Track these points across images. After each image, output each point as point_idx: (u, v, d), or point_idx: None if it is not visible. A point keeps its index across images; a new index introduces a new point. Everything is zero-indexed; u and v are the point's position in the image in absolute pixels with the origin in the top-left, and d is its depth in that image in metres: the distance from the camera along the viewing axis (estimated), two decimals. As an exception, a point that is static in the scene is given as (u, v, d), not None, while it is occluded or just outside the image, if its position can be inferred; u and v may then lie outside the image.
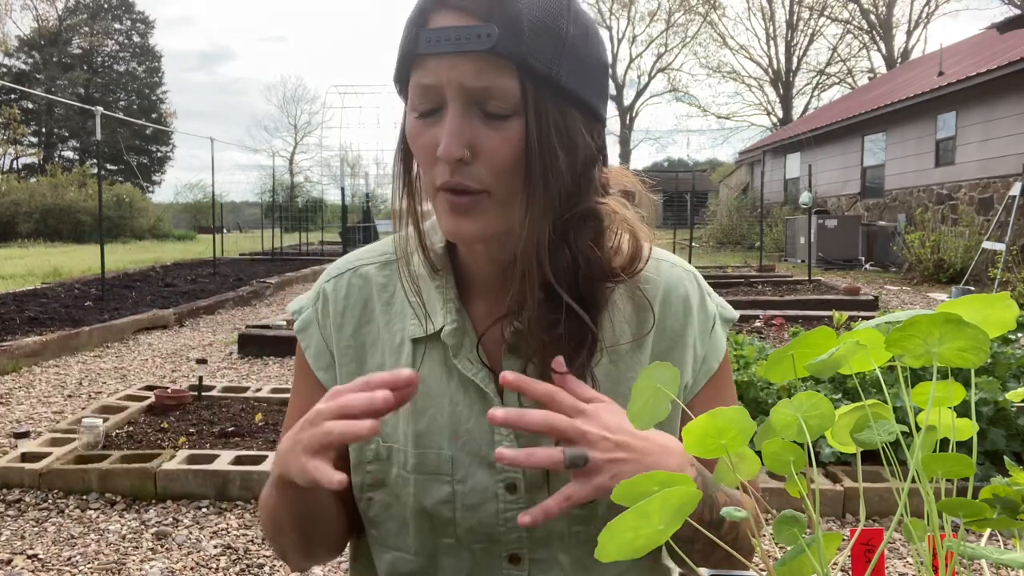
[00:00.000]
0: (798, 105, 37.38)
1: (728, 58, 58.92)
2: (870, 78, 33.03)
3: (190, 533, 3.27)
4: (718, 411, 0.57)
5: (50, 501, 3.55)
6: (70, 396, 5.63)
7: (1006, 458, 0.68)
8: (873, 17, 34.17)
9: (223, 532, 3.29)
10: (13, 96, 41.90)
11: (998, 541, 0.71)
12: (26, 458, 3.79)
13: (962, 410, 0.61)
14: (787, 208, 20.80)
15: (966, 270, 11.68)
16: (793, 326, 6.81)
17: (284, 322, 7.76)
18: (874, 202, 17.51)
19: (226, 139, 65.40)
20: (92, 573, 2.96)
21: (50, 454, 3.82)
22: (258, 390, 5.20)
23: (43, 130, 47.47)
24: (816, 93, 38.18)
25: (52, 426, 4.64)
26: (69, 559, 3.05)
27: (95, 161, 19.31)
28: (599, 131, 0.85)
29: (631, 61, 46.23)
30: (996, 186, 13.04)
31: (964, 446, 0.61)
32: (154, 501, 3.57)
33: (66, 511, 3.47)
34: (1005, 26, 11.66)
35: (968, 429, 0.62)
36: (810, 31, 36.31)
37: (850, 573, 0.69)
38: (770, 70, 37.15)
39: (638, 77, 43.25)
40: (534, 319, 0.82)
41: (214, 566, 3.02)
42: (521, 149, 0.78)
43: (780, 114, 36.82)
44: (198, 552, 3.12)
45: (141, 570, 2.98)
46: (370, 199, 21.69)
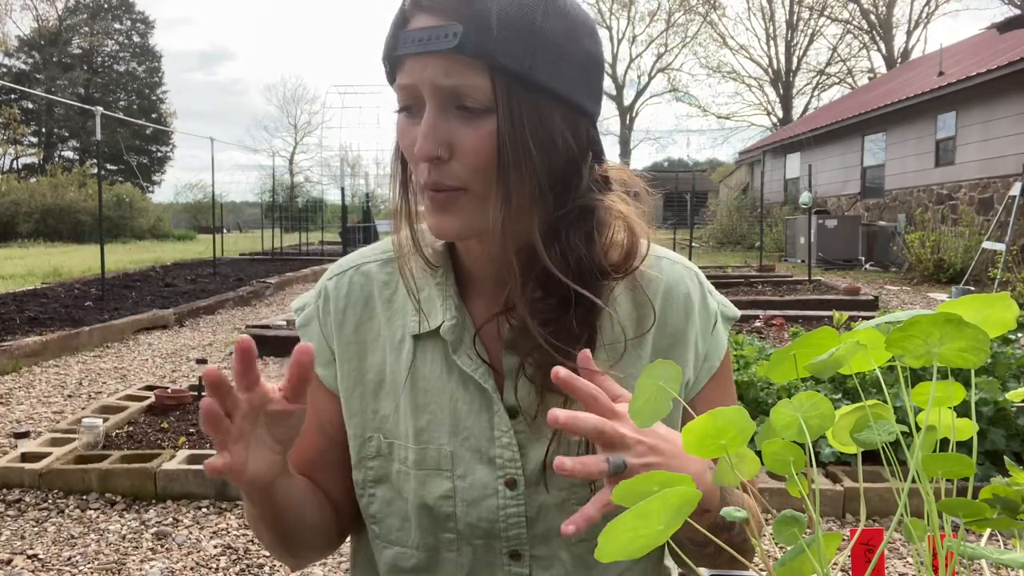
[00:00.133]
0: (798, 105, 37.41)
1: (728, 58, 58.94)
2: (870, 78, 33.02)
3: (190, 533, 3.27)
4: (718, 411, 0.57)
5: (50, 501, 3.55)
6: (70, 396, 5.63)
7: (1006, 458, 0.68)
8: (873, 17, 34.17)
9: (223, 532, 3.29)
10: (13, 96, 41.90)
11: (998, 541, 0.71)
12: (26, 458, 3.79)
13: (962, 410, 0.61)
14: (787, 208, 20.80)
15: (966, 270, 11.68)
16: (793, 326, 6.81)
17: (284, 322, 7.75)
18: (874, 202, 17.51)
19: (226, 139, 65.49)
20: (92, 573, 2.96)
21: (50, 454, 3.82)
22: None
23: (43, 130, 47.47)
24: (816, 93, 38.22)
25: (52, 426, 4.64)
26: (69, 559, 3.05)
27: (95, 161, 19.31)
28: (586, 126, 0.84)
29: (631, 61, 46.24)
30: (996, 186, 13.04)
31: (964, 446, 0.61)
32: (154, 501, 3.57)
33: (66, 511, 3.47)
34: (1005, 26, 11.66)
35: (968, 429, 0.62)
36: (810, 31, 36.33)
37: (850, 573, 0.69)
38: (770, 70, 37.15)
39: (638, 77, 43.26)
40: (524, 316, 0.83)
41: (214, 566, 3.02)
42: (497, 145, 0.78)
43: (780, 114, 36.82)
44: (198, 552, 3.12)
45: (141, 570, 2.98)
46: (370, 199, 21.69)
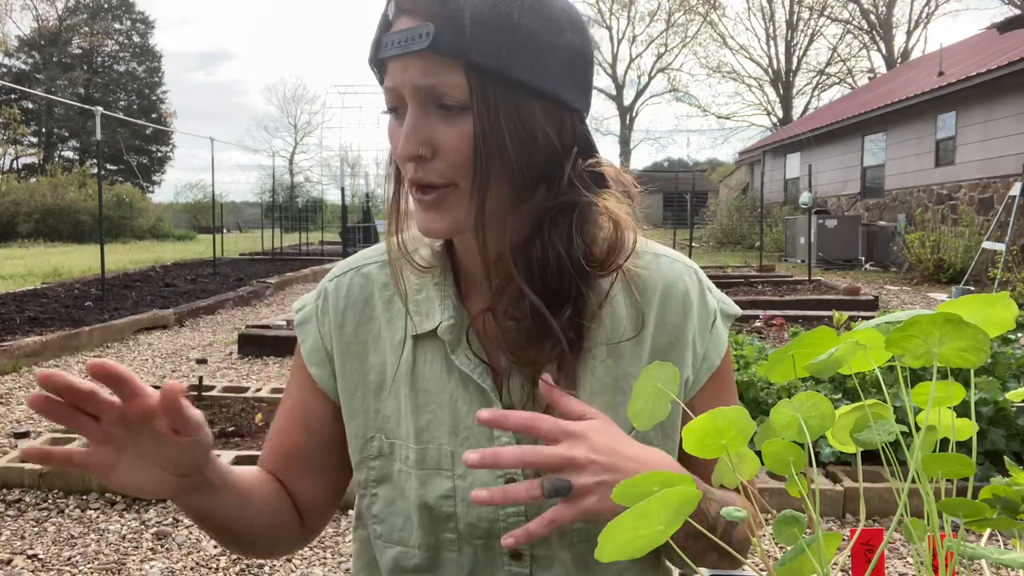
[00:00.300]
0: (798, 105, 37.41)
1: (728, 58, 58.96)
2: (870, 78, 33.02)
3: (190, 533, 3.27)
4: (718, 411, 0.57)
5: (50, 501, 3.55)
6: (70, 396, 5.62)
7: (1006, 458, 0.68)
8: (873, 17, 34.17)
9: (223, 532, 3.29)
10: (13, 96, 41.91)
11: (998, 541, 0.71)
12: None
13: (962, 410, 0.61)
14: (787, 208, 20.80)
15: (966, 270, 11.68)
16: (793, 326, 6.81)
17: (284, 322, 7.75)
18: (874, 202, 17.51)
19: (226, 139, 65.55)
20: (92, 573, 2.96)
21: (50, 454, 3.82)
22: (258, 390, 5.19)
23: (43, 130, 47.48)
24: (816, 93, 38.22)
25: (52, 426, 4.64)
26: (69, 559, 3.05)
27: (95, 161, 19.32)
28: (572, 121, 0.84)
29: (631, 61, 46.36)
30: (996, 186, 13.04)
31: (964, 446, 0.61)
32: (154, 501, 3.57)
33: (66, 511, 3.47)
34: (1005, 26, 11.66)
35: (968, 429, 0.62)
36: (810, 31, 36.33)
37: (850, 573, 0.69)
38: (770, 70, 37.16)
39: (638, 77, 43.35)
40: (502, 314, 0.84)
41: (214, 566, 3.02)
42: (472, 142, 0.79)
43: (780, 114, 36.82)
44: (198, 552, 3.12)
45: (141, 570, 2.98)
46: (370, 199, 21.73)
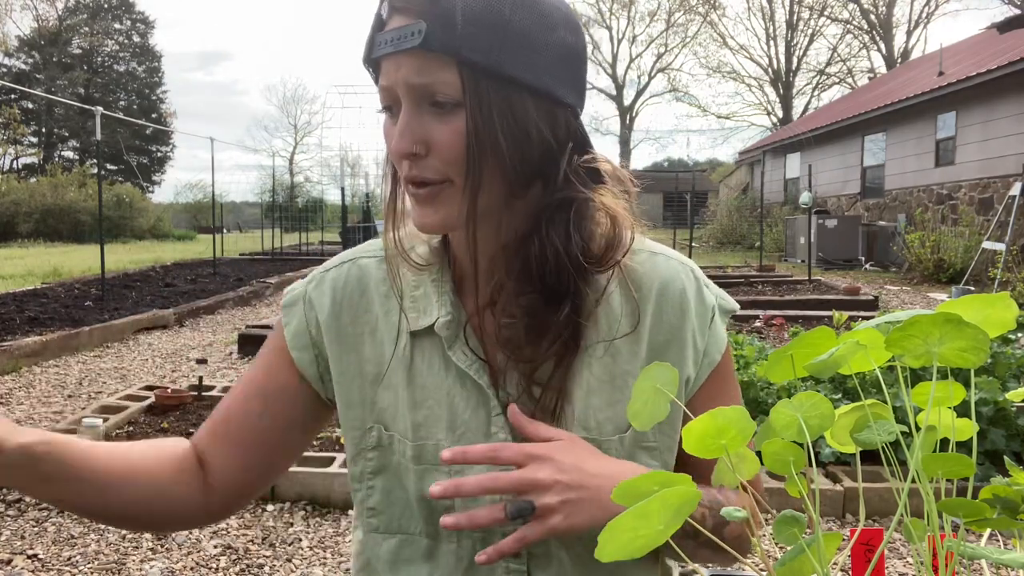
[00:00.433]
0: (798, 105, 37.41)
1: (728, 58, 58.95)
2: (870, 78, 33.02)
3: (190, 533, 3.27)
4: (718, 411, 0.57)
5: (50, 501, 3.55)
6: (70, 396, 5.63)
7: (1006, 458, 0.68)
8: (873, 17, 34.17)
9: (223, 532, 3.29)
10: (13, 96, 41.90)
11: (998, 541, 0.71)
12: (26, 458, 3.79)
13: (962, 410, 0.61)
14: (787, 208, 20.80)
15: (966, 270, 11.68)
16: (793, 326, 6.82)
17: (284, 322, 7.75)
18: (874, 202, 17.51)
19: (226, 139, 65.61)
20: (92, 573, 2.96)
21: (50, 454, 3.82)
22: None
23: (43, 130, 47.47)
24: (816, 93, 38.22)
25: (52, 426, 4.64)
26: (69, 559, 3.05)
27: (95, 161, 19.33)
28: (566, 117, 0.84)
29: (631, 61, 46.32)
30: (996, 186, 13.04)
31: (964, 446, 0.61)
32: (154, 501, 3.57)
33: (66, 511, 3.46)
34: (1005, 26, 11.66)
35: (968, 429, 0.62)
36: (810, 31, 36.33)
37: (850, 573, 0.69)
38: (770, 70, 37.15)
39: (638, 77, 43.35)
40: (499, 312, 0.84)
41: (214, 566, 3.02)
42: (465, 138, 0.79)
43: (780, 114, 36.82)
44: (198, 552, 3.12)
45: (141, 570, 2.98)
46: (370, 199, 21.73)
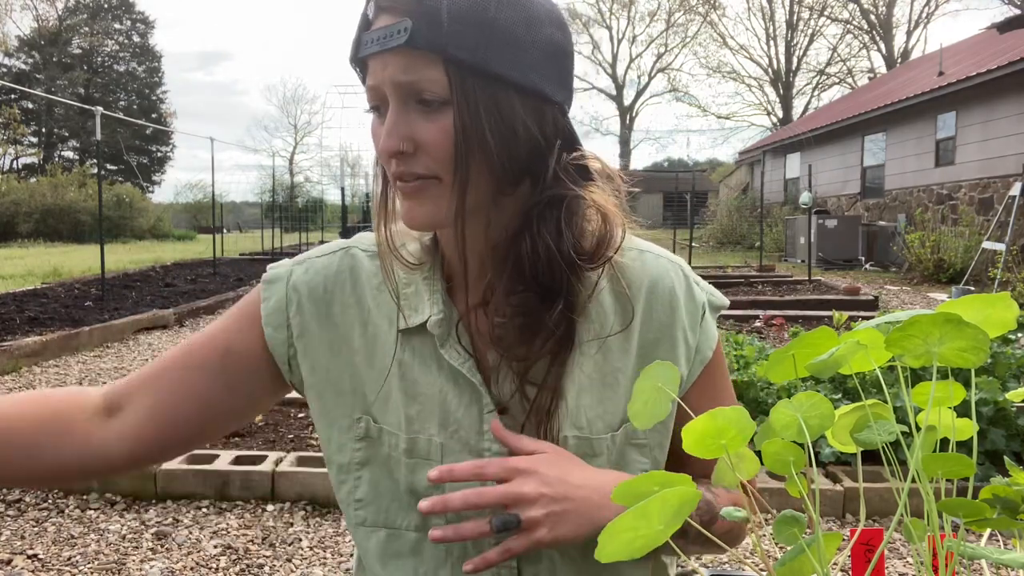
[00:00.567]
0: (798, 105, 37.41)
1: (728, 58, 58.94)
2: (870, 78, 33.01)
3: (190, 533, 3.27)
4: (718, 411, 0.57)
5: (50, 501, 3.55)
6: (70, 396, 5.62)
7: (1006, 458, 0.68)
8: (873, 17, 34.16)
9: (223, 532, 3.29)
10: (13, 96, 41.91)
11: (998, 541, 0.71)
12: (26, 458, 3.80)
13: (962, 410, 0.61)
14: (787, 208, 20.79)
15: (966, 270, 11.68)
16: (793, 326, 6.81)
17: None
18: (874, 202, 17.51)
19: (226, 139, 65.63)
20: (92, 573, 2.96)
21: (50, 454, 3.82)
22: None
23: (43, 130, 47.47)
24: (816, 93, 38.21)
25: (52, 426, 4.64)
26: (69, 559, 3.05)
27: (95, 161, 19.32)
28: (554, 114, 0.84)
29: (631, 61, 46.36)
30: (996, 186, 13.04)
31: (964, 446, 0.61)
32: (154, 501, 3.57)
33: (66, 511, 3.47)
34: (1005, 26, 11.66)
35: (968, 429, 0.62)
36: (810, 31, 36.32)
37: (850, 573, 0.69)
38: (770, 70, 37.15)
39: (638, 77, 43.38)
40: (491, 310, 0.84)
41: (214, 566, 3.02)
42: (453, 136, 0.79)
43: (780, 114, 36.81)
44: (198, 552, 3.12)
45: (141, 570, 2.98)
46: (370, 199, 21.68)
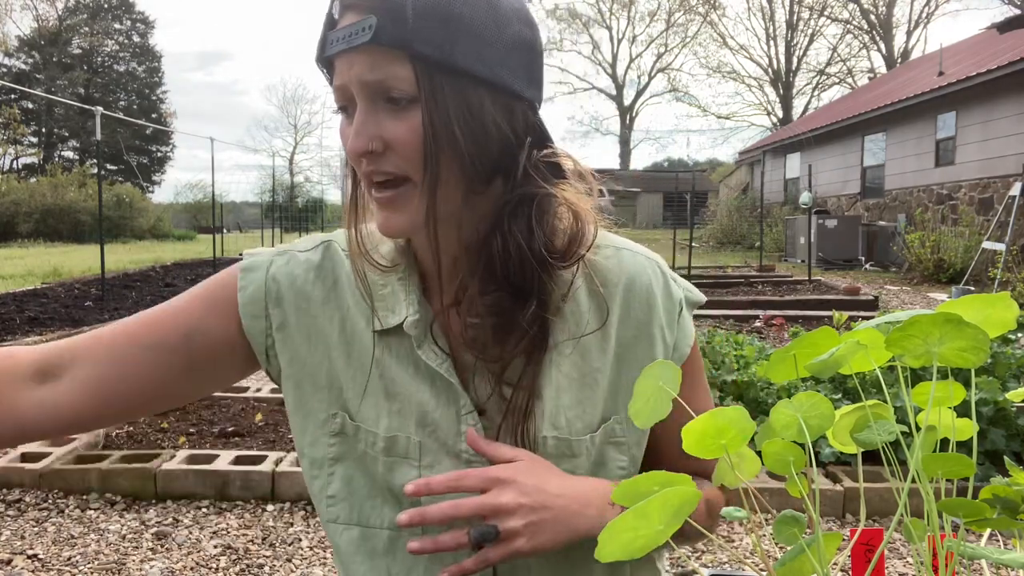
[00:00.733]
0: (798, 105, 37.42)
1: (728, 58, 59.01)
2: (870, 78, 33.01)
3: (190, 533, 3.27)
4: (718, 411, 0.57)
5: (50, 501, 3.55)
6: (70, 396, 5.62)
7: (1006, 458, 0.68)
8: (873, 17, 34.17)
9: (223, 532, 3.29)
10: (13, 96, 41.90)
11: (998, 541, 0.71)
12: (26, 458, 3.80)
13: (962, 410, 0.61)
14: (787, 208, 20.79)
15: (966, 270, 11.68)
16: (793, 326, 6.81)
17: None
18: (874, 202, 17.51)
19: (226, 139, 65.64)
20: (92, 573, 2.96)
21: (50, 454, 3.82)
22: (258, 390, 5.19)
23: (43, 130, 47.47)
24: (816, 93, 38.23)
25: (52, 426, 4.64)
26: (69, 559, 3.05)
27: (95, 161, 19.32)
28: (524, 111, 0.83)
29: (631, 61, 46.39)
30: (996, 186, 13.04)
31: (964, 446, 0.61)
32: (154, 501, 3.57)
33: (66, 511, 3.47)
34: (1005, 26, 11.66)
35: (968, 429, 0.62)
36: (810, 31, 36.34)
37: (850, 573, 0.69)
38: (770, 70, 37.15)
39: (638, 77, 43.39)
40: (464, 311, 0.84)
41: (214, 566, 3.01)
42: (422, 133, 0.78)
43: (780, 114, 36.82)
44: (198, 552, 3.12)
45: (141, 570, 2.98)
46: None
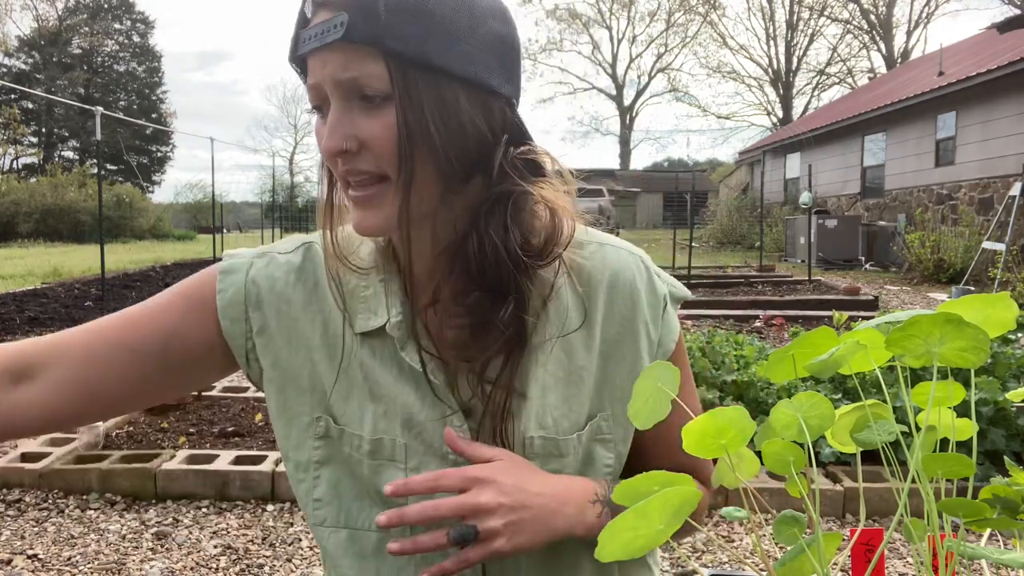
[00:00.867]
0: (798, 105, 37.42)
1: (728, 58, 59.03)
2: (870, 78, 33.01)
3: (190, 533, 3.27)
4: (718, 411, 0.57)
5: (50, 501, 3.55)
6: (70, 396, 5.62)
7: (1006, 458, 0.68)
8: (873, 17, 34.17)
9: (223, 532, 3.29)
10: (13, 96, 41.90)
11: (998, 541, 0.71)
12: (26, 458, 3.79)
13: (962, 410, 0.61)
14: (787, 208, 20.79)
15: (966, 270, 11.67)
16: (793, 326, 6.81)
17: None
18: (874, 202, 17.51)
19: (226, 139, 65.65)
20: (92, 573, 2.96)
21: (50, 454, 3.82)
22: (258, 390, 5.20)
23: (43, 130, 47.48)
24: (816, 93, 38.23)
25: (52, 426, 4.64)
26: (69, 559, 3.05)
27: (95, 161, 19.33)
28: (501, 108, 0.82)
29: (631, 61, 46.41)
30: (996, 186, 13.04)
31: (964, 446, 0.61)
32: (154, 501, 3.57)
33: (66, 511, 3.46)
34: (1005, 26, 11.66)
35: (968, 429, 0.62)
36: (810, 31, 36.34)
37: (850, 573, 0.69)
38: (770, 70, 37.15)
39: (638, 77, 43.40)
40: (443, 312, 0.84)
41: (214, 566, 3.01)
42: (396, 130, 0.77)
43: (780, 114, 36.82)
44: (198, 552, 3.12)
45: (141, 570, 2.98)
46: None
